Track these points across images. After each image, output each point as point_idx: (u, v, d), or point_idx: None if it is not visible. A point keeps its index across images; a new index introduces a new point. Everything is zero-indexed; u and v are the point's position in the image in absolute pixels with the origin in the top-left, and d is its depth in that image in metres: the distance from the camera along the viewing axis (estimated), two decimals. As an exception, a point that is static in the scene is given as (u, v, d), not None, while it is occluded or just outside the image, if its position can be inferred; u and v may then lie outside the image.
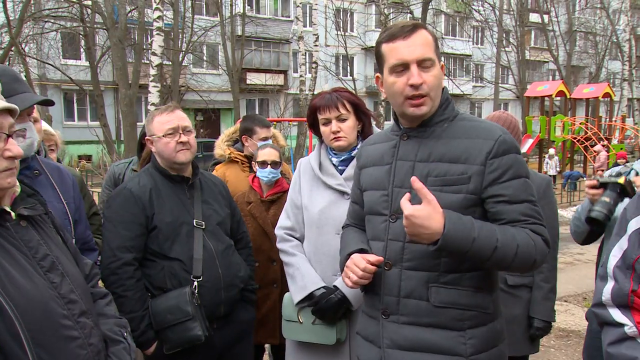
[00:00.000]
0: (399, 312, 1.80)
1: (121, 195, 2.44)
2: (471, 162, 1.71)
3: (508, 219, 1.70)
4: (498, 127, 1.77)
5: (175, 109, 2.50)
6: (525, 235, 1.67)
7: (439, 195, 1.70)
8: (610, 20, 32.35)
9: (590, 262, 8.30)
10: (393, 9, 23.40)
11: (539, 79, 34.76)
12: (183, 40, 23.48)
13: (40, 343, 1.41)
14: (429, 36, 1.75)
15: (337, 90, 2.47)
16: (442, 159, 1.75)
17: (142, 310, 2.31)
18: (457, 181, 1.72)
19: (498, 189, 1.70)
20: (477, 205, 1.74)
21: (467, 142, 1.74)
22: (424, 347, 1.76)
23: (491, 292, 1.80)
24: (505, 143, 1.72)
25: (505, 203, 1.70)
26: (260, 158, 3.09)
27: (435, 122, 1.80)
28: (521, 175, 1.72)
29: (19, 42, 18.22)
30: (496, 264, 1.68)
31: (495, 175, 1.70)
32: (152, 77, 13.40)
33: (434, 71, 1.74)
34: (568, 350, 4.90)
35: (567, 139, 20.91)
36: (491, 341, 1.78)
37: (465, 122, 1.81)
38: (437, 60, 1.76)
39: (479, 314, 1.76)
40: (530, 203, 1.72)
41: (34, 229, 1.54)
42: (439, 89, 1.78)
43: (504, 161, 1.70)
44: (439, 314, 1.75)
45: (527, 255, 1.67)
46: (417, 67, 1.72)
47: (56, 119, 22.52)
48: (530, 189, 1.74)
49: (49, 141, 3.17)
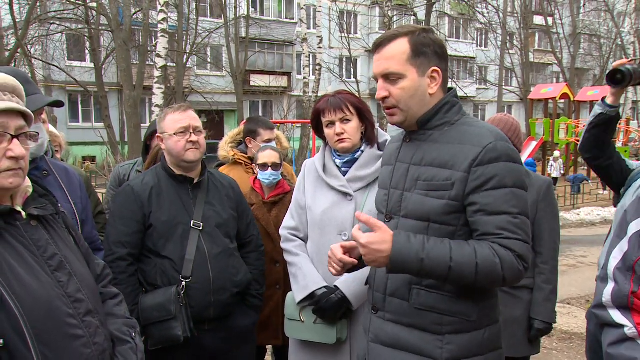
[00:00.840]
0: (385, 309, 1.85)
1: (123, 192, 2.52)
2: (456, 169, 1.70)
3: (482, 231, 1.68)
4: (493, 133, 1.73)
5: (187, 108, 2.54)
6: (488, 254, 1.63)
7: (424, 200, 1.74)
8: (614, 22, 32.28)
9: (594, 265, 8.28)
10: (397, 11, 23.40)
11: (543, 81, 34.66)
12: (187, 42, 23.53)
13: (45, 341, 1.42)
14: (403, 47, 1.75)
15: (340, 92, 2.50)
16: (432, 163, 1.76)
17: (132, 305, 2.35)
18: (441, 187, 1.72)
19: (478, 197, 1.67)
20: (461, 212, 1.72)
21: (457, 148, 1.73)
22: (402, 346, 1.79)
23: (477, 300, 1.76)
24: (493, 151, 1.68)
25: (482, 213, 1.67)
26: (261, 160, 3.11)
27: (434, 125, 1.81)
28: (506, 185, 1.66)
29: (25, 43, 18.31)
30: (457, 282, 1.68)
31: (477, 184, 1.67)
32: (156, 79, 13.44)
33: (402, 83, 1.75)
34: (570, 353, 4.90)
35: (570, 141, 20.87)
36: (473, 349, 1.75)
37: (464, 127, 1.78)
38: (414, 69, 1.75)
39: (460, 320, 1.74)
40: (510, 215, 1.66)
41: (43, 229, 1.56)
42: (413, 99, 1.77)
43: (488, 170, 1.67)
44: (419, 315, 1.76)
45: (491, 274, 1.64)
46: (383, 81, 1.78)
47: (61, 120, 22.61)
48: (517, 200, 1.67)
49: (54, 142, 3.20)
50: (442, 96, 1.82)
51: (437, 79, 1.79)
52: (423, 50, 1.76)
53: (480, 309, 1.77)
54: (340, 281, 2.39)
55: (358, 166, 2.45)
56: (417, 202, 1.76)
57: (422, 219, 1.75)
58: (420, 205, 1.75)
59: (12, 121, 1.48)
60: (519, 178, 1.71)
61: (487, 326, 1.79)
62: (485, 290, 1.77)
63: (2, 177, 1.46)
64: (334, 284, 2.41)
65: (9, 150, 1.46)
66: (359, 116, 2.45)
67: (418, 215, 1.76)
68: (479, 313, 1.76)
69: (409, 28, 1.81)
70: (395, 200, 1.84)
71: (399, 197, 1.82)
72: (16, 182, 1.49)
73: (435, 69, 1.78)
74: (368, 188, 2.44)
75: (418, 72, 1.76)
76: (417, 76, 1.76)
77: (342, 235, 2.39)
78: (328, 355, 2.46)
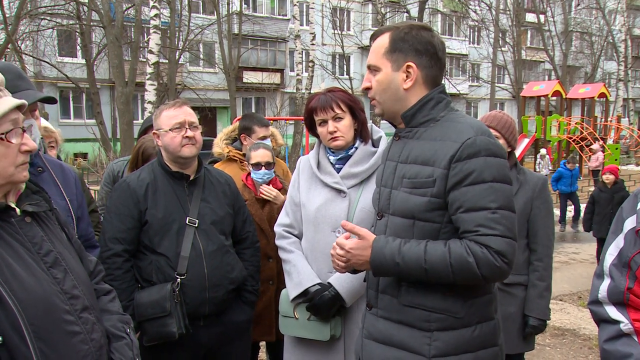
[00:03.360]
0: (377, 306, 1.87)
1: (119, 188, 2.52)
2: (437, 165, 1.71)
3: (463, 228, 1.68)
4: (474, 128, 1.72)
5: (183, 104, 2.54)
6: (460, 253, 1.64)
7: (408, 197, 1.75)
8: (606, 20, 32.44)
9: (586, 262, 8.34)
10: (390, 8, 23.41)
11: (535, 78, 34.82)
12: (180, 38, 23.41)
13: (43, 337, 1.42)
14: (383, 41, 1.82)
15: (332, 90, 2.49)
16: (415, 160, 1.78)
17: (127, 301, 2.36)
18: (424, 184, 1.73)
19: (457, 194, 1.67)
20: (444, 209, 1.72)
21: (438, 145, 1.73)
22: (392, 342, 1.81)
23: (466, 297, 1.75)
24: (472, 146, 1.67)
25: (461, 210, 1.67)
26: (254, 160, 3.10)
27: (420, 122, 1.82)
28: (484, 180, 1.65)
29: (15, 39, 18.15)
30: (438, 282, 1.71)
31: (455, 180, 1.68)
32: (148, 75, 13.38)
33: (378, 76, 1.83)
34: (563, 349, 4.94)
35: (562, 138, 20.98)
36: (461, 346, 1.75)
37: (447, 122, 1.78)
38: (389, 64, 1.80)
39: (447, 317, 1.75)
40: (489, 211, 1.64)
41: (38, 225, 1.55)
42: (385, 92, 1.83)
43: (466, 165, 1.66)
44: (407, 312, 1.78)
45: (466, 272, 1.64)
46: (368, 73, 1.87)
47: (52, 116, 22.44)
48: (496, 194, 1.66)
49: (49, 138, 3.18)
50: (423, 92, 1.82)
51: (412, 75, 1.79)
52: (399, 46, 1.80)
53: (468, 306, 1.76)
54: (334, 278, 2.39)
55: (352, 163, 2.45)
56: (402, 199, 1.78)
57: (407, 216, 1.77)
58: (405, 202, 1.77)
59: (19, 116, 1.49)
60: (499, 172, 1.69)
61: (478, 323, 1.78)
62: (474, 287, 1.76)
63: (18, 171, 1.48)
64: (328, 280, 2.41)
65: (23, 144, 1.49)
66: (352, 113, 2.44)
67: (403, 212, 1.78)
68: (468, 310, 1.76)
69: (399, 24, 1.84)
70: (384, 198, 1.86)
71: (387, 195, 1.84)
72: (27, 175, 1.52)
73: (409, 64, 1.79)
74: (362, 185, 2.44)
75: (392, 66, 1.80)
76: (391, 70, 1.81)
77: (336, 232, 2.39)
78: (322, 352, 2.47)
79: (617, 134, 23.01)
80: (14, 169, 1.47)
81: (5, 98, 1.48)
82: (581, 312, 5.85)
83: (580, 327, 5.42)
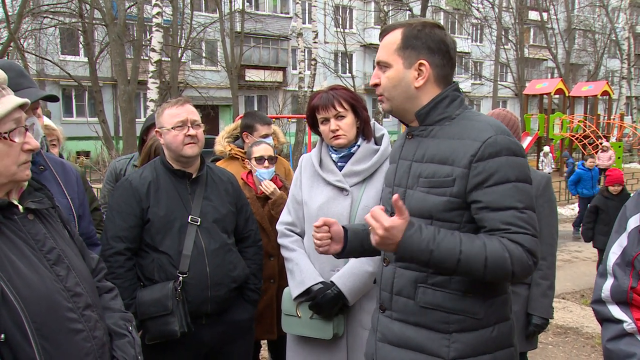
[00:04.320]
0: (392, 308, 1.83)
1: (122, 187, 2.52)
2: (457, 165, 1.68)
3: (489, 227, 1.65)
4: (493, 127, 1.70)
5: (185, 102, 2.53)
6: (498, 247, 1.61)
7: (426, 197, 1.72)
8: (609, 18, 32.37)
9: (588, 260, 8.33)
10: (392, 6, 23.37)
11: (538, 76, 34.74)
12: (182, 36, 23.43)
13: (45, 335, 1.42)
14: (394, 37, 1.78)
15: (334, 88, 2.48)
16: (432, 159, 1.74)
17: (129, 299, 2.36)
18: (442, 183, 1.70)
19: (481, 194, 1.65)
20: (464, 209, 1.69)
21: (457, 143, 1.70)
22: (409, 345, 1.78)
23: (485, 297, 1.74)
24: (493, 145, 1.65)
25: (487, 210, 1.64)
26: (257, 154, 3.09)
27: (435, 120, 1.79)
28: (509, 180, 1.64)
29: (17, 37, 18.17)
30: (465, 275, 1.66)
31: (478, 180, 1.65)
32: (151, 74, 13.41)
33: (388, 72, 1.79)
34: (566, 347, 4.93)
35: (565, 136, 20.94)
36: (480, 347, 1.73)
37: (464, 121, 1.75)
38: (400, 60, 1.76)
39: (466, 318, 1.72)
40: (516, 210, 1.63)
41: (41, 223, 1.56)
42: (396, 89, 1.79)
43: (489, 165, 1.64)
44: (425, 314, 1.75)
45: (500, 268, 1.61)
46: (377, 69, 1.83)
47: (55, 114, 22.46)
48: (521, 194, 1.65)
49: (51, 136, 3.18)
50: (435, 91, 1.80)
51: (424, 73, 1.77)
52: (412, 43, 1.76)
53: (487, 306, 1.74)
54: (336, 277, 2.39)
55: (354, 161, 2.45)
56: (419, 199, 1.74)
57: (425, 216, 1.72)
58: (423, 202, 1.73)
59: (21, 115, 1.49)
60: (522, 171, 1.67)
61: (496, 324, 1.76)
62: (493, 286, 1.75)
63: (21, 169, 1.49)
64: (330, 279, 2.41)
65: (25, 143, 1.49)
66: (354, 111, 2.44)
67: (420, 212, 1.73)
68: (487, 310, 1.74)
69: (412, 21, 1.81)
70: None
71: (402, 194, 1.80)
72: (30, 174, 1.52)
73: (422, 61, 1.76)
74: (364, 183, 2.44)
75: (404, 63, 1.76)
76: (403, 67, 1.77)
77: None
78: (325, 350, 2.46)
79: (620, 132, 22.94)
80: (17, 168, 1.47)
81: (8, 97, 1.48)
82: (584, 311, 5.84)
83: (583, 326, 5.41)
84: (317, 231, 1.87)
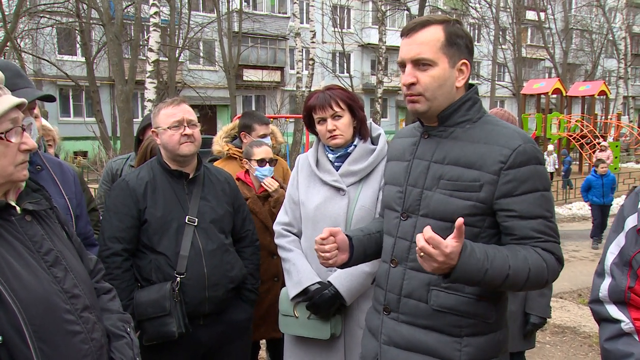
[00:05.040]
0: (399, 311, 1.81)
1: (118, 187, 2.51)
2: (485, 170, 1.65)
3: (519, 235, 1.65)
4: (520, 135, 1.69)
5: (181, 102, 2.53)
6: (537, 258, 1.63)
7: (448, 200, 1.69)
8: (606, 18, 32.41)
9: (585, 259, 8.34)
10: (390, 6, 23.37)
11: (535, 76, 34.79)
12: (180, 36, 23.38)
13: (43, 337, 1.42)
14: (437, 34, 1.69)
15: (330, 88, 2.47)
16: (457, 162, 1.70)
17: (127, 300, 2.36)
18: (468, 187, 1.67)
19: (511, 202, 1.64)
20: (487, 215, 1.68)
21: (484, 148, 1.67)
22: (418, 348, 1.76)
23: (496, 301, 1.75)
24: (524, 154, 1.64)
25: (517, 218, 1.64)
26: (259, 156, 3.10)
27: (456, 122, 1.75)
28: (538, 189, 1.65)
29: (14, 37, 18.12)
30: (507, 288, 1.68)
31: (508, 188, 1.64)
32: (148, 73, 13.36)
33: (433, 72, 1.69)
34: (563, 347, 4.94)
35: (563, 136, 20.98)
36: (489, 352, 1.74)
37: (488, 125, 1.73)
38: (446, 59, 1.69)
39: (478, 322, 1.72)
40: (545, 219, 1.66)
41: (38, 224, 1.55)
42: (441, 89, 1.71)
43: (520, 173, 1.63)
44: (437, 317, 1.73)
45: (539, 278, 1.64)
46: (412, 67, 1.70)
47: (52, 114, 22.42)
48: (548, 203, 1.67)
49: (47, 136, 3.17)
50: (463, 92, 1.77)
51: (465, 73, 1.74)
52: (456, 41, 1.70)
53: (497, 310, 1.75)
54: (334, 277, 2.39)
55: (351, 161, 2.44)
56: (440, 201, 1.71)
57: (445, 219, 1.69)
58: (444, 205, 1.70)
59: (18, 115, 1.49)
60: (547, 181, 1.70)
61: (502, 328, 1.79)
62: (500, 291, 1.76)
63: (18, 170, 1.48)
64: (327, 279, 2.40)
65: (23, 143, 1.48)
66: (350, 111, 2.43)
67: (441, 215, 1.71)
68: (497, 314, 1.75)
69: (443, 17, 1.75)
70: (413, 199, 1.78)
71: (417, 195, 1.77)
72: (27, 174, 1.51)
73: (465, 61, 1.73)
74: (361, 183, 2.44)
75: (449, 62, 1.70)
76: (448, 66, 1.70)
77: None
78: (322, 350, 2.46)
79: (617, 132, 23.00)
80: (14, 168, 1.47)
81: (5, 97, 1.47)
82: (581, 310, 5.85)
83: (580, 325, 5.42)
84: (324, 243, 1.84)
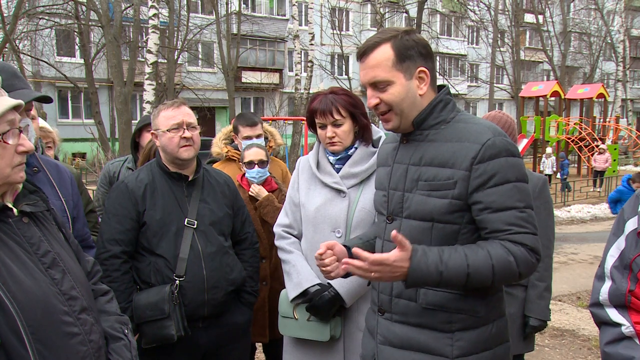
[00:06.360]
0: (392, 311, 1.85)
1: (118, 189, 2.50)
2: (458, 167, 1.70)
3: (490, 228, 1.68)
4: (491, 129, 1.72)
5: (181, 104, 2.52)
6: (501, 252, 1.64)
7: (426, 200, 1.73)
8: (604, 21, 32.51)
9: (584, 262, 8.34)
10: (388, 8, 23.40)
11: (534, 79, 34.87)
12: (178, 38, 23.40)
13: (41, 339, 1.41)
14: (386, 53, 1.73)
15: (335, 91, 2.46)
16: (432, 162, 1.75)
17: (126, 303, 2.35)
18: (443, 186, 1.71)
19: (482, 195, 1.67)
20: (465, 211, 1.72)
21: (457, 146, 1.72)
22: (412, 346, 1.80)
23: (484, 295, 1.77)
24: (493, 147, 1.67)
25: (488, 211, 1.67)
26: (247, 159, 3.11)
27: (430, 125, 1.80)
28: (509, 181, 1.67)
29: (13, 39, 18.11)
30: (476, 285, 1.68)
31: (479, 182, 1.67)
32: (147, 75, 13.37)
33: (392, 89, 1.74)
34: (562, 350, 4.93)
35: (561, 139, 21.00)
36: (482, 345, 1.77)
37: (460, 124, 1.77)
38: (400, 74, 1.73)
39: (468, 317, 1.76)
40: (517, 210, 1.67)
41: (35, 226, 1.55)
42: (405, 102, 1.75)
43: (489, 166, 1.67)
44: (427, 315, 1.77)
45: (507, 272, 1.65)
46: (372, 89, 1.77)
47: (50, 116, 22.43)
48: (521, 194, 1.68)
49: (47, 138, 3.16)
50: (432, 94, 1.81)
51: (425, 79, 1.78)
52: (407, 54, 1.74)
53: (486, 303, 1.78)
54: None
55: (351, 163, 2.44)
56: (419, 202, 1.76)
57: (426, 219, 1.74)
58: (423, 205, 1.75)
59: (15, 116, 1.48)
60: (520, 172, 1.71)
61: (494, 320, 1.81)
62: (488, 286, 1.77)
63: (15, 172, 1.47)
64: (327, 281, 2.39)
65: (20, 145, 1.48)
66: (352, 118, 2.43)
67: (421, 215, 1.75)
68: (486, 308, 1.78)
69: (391, 32, 1.77)
70: (396, 202, 1.83)
71: (399, 198, 1.81)
72: (24, 176, 1.51)
73: (421, 69, 1.77)
74: (361, 185, 2.43)
75: (405, 75, 1.75)
76: (405, 80, 1.75)
77: (336, 233, 2.39)
78: (322, 352, 2.46)
79: (615, 135, 23.01)
80: (11, 170, 1.46)
81: (2, 98, 1.46)
82: (580, 313, 5.84)
83: (580, 328, 5.42)
84: (323, 257, 1.85)
